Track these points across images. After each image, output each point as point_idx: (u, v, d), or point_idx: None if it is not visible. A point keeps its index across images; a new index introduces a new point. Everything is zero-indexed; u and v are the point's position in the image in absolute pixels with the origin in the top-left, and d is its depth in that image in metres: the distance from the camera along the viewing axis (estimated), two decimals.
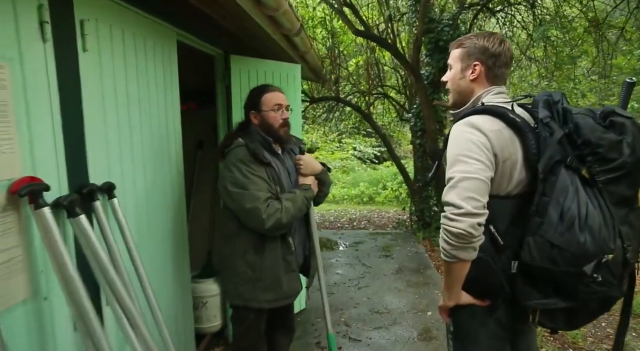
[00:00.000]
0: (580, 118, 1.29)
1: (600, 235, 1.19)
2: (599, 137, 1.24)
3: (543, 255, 1.24)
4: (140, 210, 1.85)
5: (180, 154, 2.27)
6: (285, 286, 1.96)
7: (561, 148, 1.26)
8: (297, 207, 1.87)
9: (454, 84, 1.53)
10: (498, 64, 1.45)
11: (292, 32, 2.85)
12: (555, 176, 1.24)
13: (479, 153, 1.27)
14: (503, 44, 1.45)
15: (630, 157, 1.22)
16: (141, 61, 1.84)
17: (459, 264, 1.30)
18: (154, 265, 1.98)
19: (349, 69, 9.02)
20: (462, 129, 1.33)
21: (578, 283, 1.23)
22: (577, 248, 1.19)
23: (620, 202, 1.25)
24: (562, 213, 1.21)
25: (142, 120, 1.86)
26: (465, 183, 1.24)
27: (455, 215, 1.23)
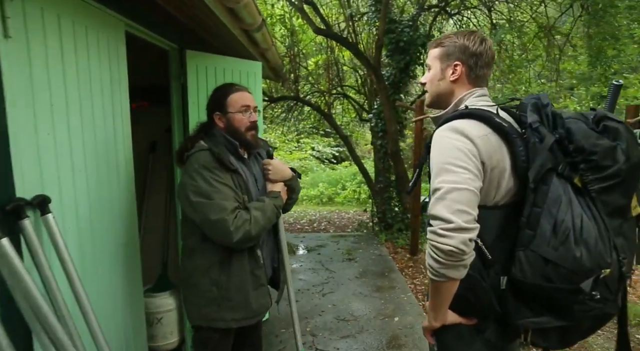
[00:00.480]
0: (573, 123, 1.20)
1: (596, 249, 1.10)
2: (593, 144, 1.15)
3: (536, 271, 1.14)
4: (83, 226, 1.60)
5: (130, 159, 2.02)
6: (254, 304, 1.78)
7: (552, 156, 1.17)
8: (267, 217, 1.70)
9: (433, 85, 1.41)
10: (480, 64, 1.34)
11: (253, 27, 2.67)
12: (547, 185, 1.15)
13: (466, 161, 1.16)
14: (484, 43, 1.34)
15: (625, 164, 1.14)
16: (82, 53, 1.60)
17: (448, 283, 1.17)
18: (101, 285, 1.74)
19: (308, 68, 8.87)
20: (447, 135, 1.21)
21: (573, 300, 1.14)
22: (573, 264, 1.10)
23: (614, 212, 1.17)
24: (556, 225, 1.12)
25: (84, 122, 1.61)
26: (454, 194, 1.13)
27: (445, 231, 1.11)
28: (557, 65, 7.29)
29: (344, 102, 9.89)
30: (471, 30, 1.39)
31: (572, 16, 6.68)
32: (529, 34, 7.35)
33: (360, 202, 11.25)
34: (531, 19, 7.15)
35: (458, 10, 7.28)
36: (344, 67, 9.14)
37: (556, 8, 7.16)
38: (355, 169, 13.30)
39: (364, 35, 7.95)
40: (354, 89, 9.60)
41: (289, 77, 7.60)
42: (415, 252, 5.49)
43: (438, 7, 6.88)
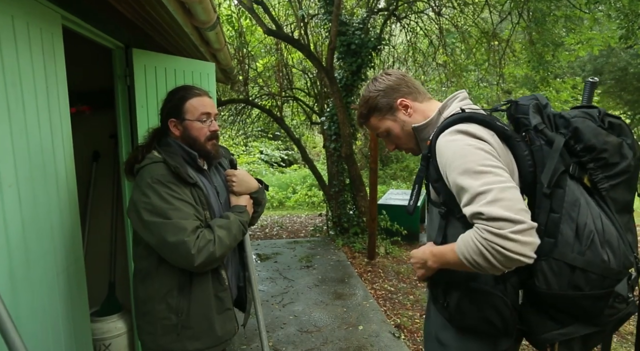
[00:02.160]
0: (580, 122, 1.16)
1: (620, 250, 1.08)
2: (604, 141, 1.12)
3: (562, 281, 1.09)
4: (15, 252, 1.35)
5: (72, 171, 1.78)
6: (219, 330, 1.59)
7: (561, 157, 1.13)
8: (233, 235, 1.52)
9: (405, 137, 1.35)
10: (410, 85, 1.34)
11: (207, 25, 2.48)
12: (562, 189, 1.11)
13: (494, 160, 1.06)
14: (391, 74, 1.36)
15: (633, 159, 1.14)
16: (9, 49, 1.35)
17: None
18: (39, 318, 1.49)
19: (257, 70, 8.66)
20: (457, 138, 1.11)
21: (604, 305, 1.09)
22: (603, 268, 1.06)
23: (623, 209, 1.15)
24: (578, 229, 1.07)
25: (14, 131, 1.36)
26: (508, 193, 0.99)
27: (516, 234, 0.95)
28: (499, 70, 7.60)
29: (293, 105, 9.76)
30: (372, 78, 1.39)
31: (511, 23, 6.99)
32: (473, 38, 7.61)
33: (314, 205, 11.17)
34: (473, 25, 7.41)
35: (406, 14, 7.40)
36: (293, 70, 9.02)
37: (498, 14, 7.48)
38: (306, 172, 13.25)
39: (313, 37, 7.89)
40: (303, 92, 9.50)
41: (237, 79, 7.36)
42: (372, 256, 5.45)
43: (387, 11, 6.94)
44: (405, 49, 8.44)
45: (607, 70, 14.47)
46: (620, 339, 3.39)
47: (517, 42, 7.71)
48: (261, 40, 8.31)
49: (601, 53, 12.01)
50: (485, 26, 7.50)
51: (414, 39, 7.88)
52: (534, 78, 7.19)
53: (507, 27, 7.62)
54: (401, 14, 7.28)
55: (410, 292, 4.39)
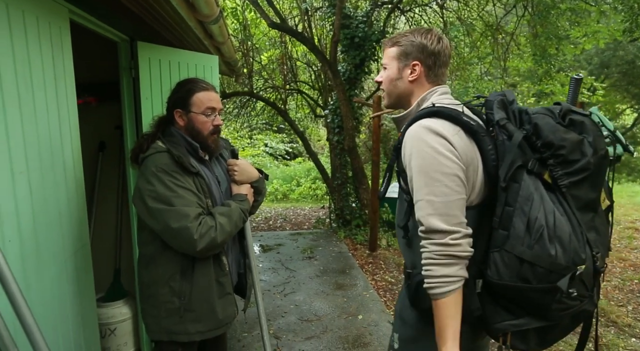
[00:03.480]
0: (540, 118, 1.18)
1: (570, 246, 1.08)
2: (561, 138, 1.14)
3: (512, 272, 1.11)
4: (26, 236, 1.42)
5: (79, 160, 1.84)
6: (220, 314, 1.66)
7: (522, 152, 1.14)
8: (233, 222, 1.58)
9: (390, 85, 1.36)
10: (438, 63, 1.31)
11: (210, 18, 2.52)
12: (517, 183, 1.12)
13: (453, 167, 1.13)
14: (441, 41, 1.31)
15: (593, 157, 1.13)
16: (20, 42, 1.41)
17: (455, 294, 1.12)
18: (48, 301, 1.56)
19: (262, 63, 8.69)
20: (423, 137, 1.16)
21: (551, 300, 1.10)
22: (549, 262, 1.08)
23: (586, 207, 1.16)
24: (529, 224, 1.09)
25: (25, 121, 1.42)
26: (450, 208, 1.12)
27: (455, 240, 1.11)
28: (503, 63, 7.59)
29: (298, 98, 9.80)
30: (428, 28, 1.35)
31: (516, 16, 6.97)
32: (477, 32, 7.60)
33: (317, 198, 11.23)
34: (478, 18, 7.40)
35: (410, 7, 7.39)
36: (297, 63, 9.04)
37: (502, 7, 7.46)
38: (310, 165, 13.30)
39: (317, 30, 7.90)
40: (308, 85, 9.52)
41: (242, 71, 7.40)
42: (374, 248, 5.52)
43: (391, 4, 6.94)
44: None
45: (614, 64, 14.37)
46: (617, 331, 3.44)
47: (521, 35, 7.69)
48: (266, 33, 8.33)
49: (608, 46, 11.93)
50: (490, 19, 7.49)
51: None
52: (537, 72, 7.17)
53: (512, 20, 7.61)
54: (405, 7, 7.27)
55: None
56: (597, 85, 9.03)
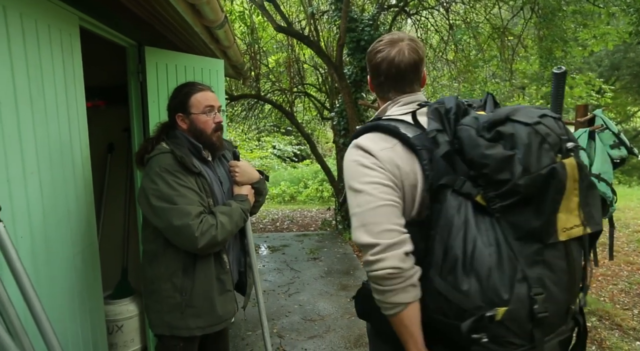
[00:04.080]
0: (463, 130, 1.00)
1: (489, 282, 0.90)
2: (482, 155, 0.95)
3: (434, 304, 0.99)
4: (37, 234, 1.49)
5: (88, 161, 1.91)
6: (220, 310, 1.72)
7: (450, 168, 1.00)
8: (234, 221, 1.64)
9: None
10: (380, 72, 1.23)
11: (215, 24, 2.60)
12: (440, 204, 0.99)
13: (371, 175, 1.06)
14: (383, 51, 1.21)
15: (522, 178, 0.92)
16: (32, 48, 1.48)
17: (406, 311, 1.01)
18: (57, 296, 1.63)
19: (269, 66, 8.78)
20: (350, 153, 1.14)
21: (469, 341, 0.93)
22: (460, 298, 0.92)
23: (527, 237, 0.95)
24: (446, 252, 0.95)
25: (36, 122, 1.50)
26: (370, 216, 1.03)
27: (374, 256, 1.00)
28: (510, 66, 7.60)
29: (305, 101, 9.87)
30: (388, 35, 1.26)
31: (523, 18, 6.98)
32: (483, 34, 7.61)
33: (324, 200, 11.28)
34: (485, 21, 7.41)
35: (417, 10, 7.43)
36: (304, 65, 9.12)
37: (509, 10, 7.47)
38: (317, 167, 13.36)
39: (324, 34, 7.97)
40: (315, 87, 9.59)
41: (249, 74, 7.49)
42: None
43: (397, 7, 6.99)
44: None
45: (625, 66, 14.24)
46: (621, 334, 3.44)
47: (528, 38, 7.69)
48: (273, 36, 8.42)
49: (618, 48, 11.85)
50: (497, 22, 7.50)
51: (424, 35, 7.90)
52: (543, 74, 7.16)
53: (519, 22, 7.61)
54: (411, 10, 7.31)
55: None
56: (605, 88, 8.98)
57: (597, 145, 3.48)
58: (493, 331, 0.92)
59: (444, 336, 1.02)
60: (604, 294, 4.25)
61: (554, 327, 0.99)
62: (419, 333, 1.04)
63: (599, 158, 3.42)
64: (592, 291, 4.22)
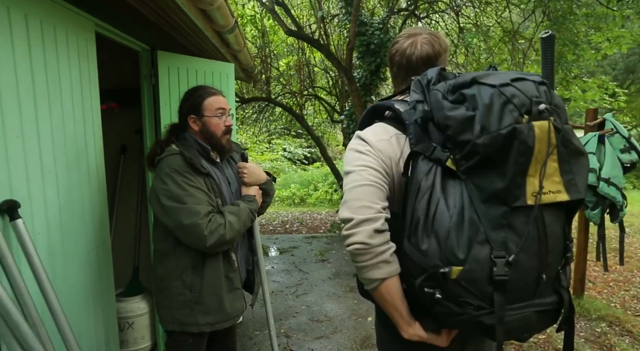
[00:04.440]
0: (432, 95, 1.03)
1: (447, 243, 0.93)
2: (445, 116, 0.97)
3: (404, 266, 1.04)
4: (53, 230, 1.56)
5: (102, 161, 1.98)
6: (228, 307, 1.77)
7: (425, 136, 1.03)
8: (242, 221, 1.69)
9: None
10: (399, 65, 1.28)
11: (225, 29, 2.66)
12: (413, 170, 1.02)
13: (363, 158, 1.11)
14: (397, 44, 1.27)
15: (481, 137, 0.91)
16: (51, 53, 1.56)
17: (382, 287, 1.04)
18: (71, 291, 1.70)
19: (279, 69, 8.86)
20: (351, 142, 1.19)
21: (432, 300, 0.97)
22: (420, 258, 0.96)
23: (492, 199, 0.94)
24: (413, 215, 0.99)
25: (54, 124, 1.57)
26: (353, 193, 1.06)
27: (347, 231, 1.04)
28: (521, 69, 7.56)
29: (315, 104, 9.94)
30: (410, 29, 1.31)
31: (534, 22, 6.95)
32: (494, 38, 7.60)
33: (333, 202, 11.31)
34: (496, 24, 7.40)
35: (427, 14, 7.45)
36: (315, 69, 9.19)
37: (519, 14, 7.45)
38: (327, 170, 13.39)
39: (334, 37, 8.03)
40: (325, 90, 9.65)
41: (260, 77, 7.58)
42: None
43: (407, 11, 7.02)
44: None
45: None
46: (632, 340, 3.40)
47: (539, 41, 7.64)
48: (284, 40, 8.50)
49: (633, 51, 11.69)
50: (507, 25, 7.48)
51: None
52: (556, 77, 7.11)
53: (531, 25, 7.58)
54: (421, 14, 7.34)
55: None
56: (619, 91, 8.87)
57: (606, 149, 3.47)
58: (449, 290, 0.94)
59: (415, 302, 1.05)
60: (615, 300, 4.21)
61: (523, 295, 0.97)
62: (402, 305, 1.06)
63: (609, 162, 3.42)
64: (602, 297, 4.19)
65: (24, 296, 1.19)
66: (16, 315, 1.06)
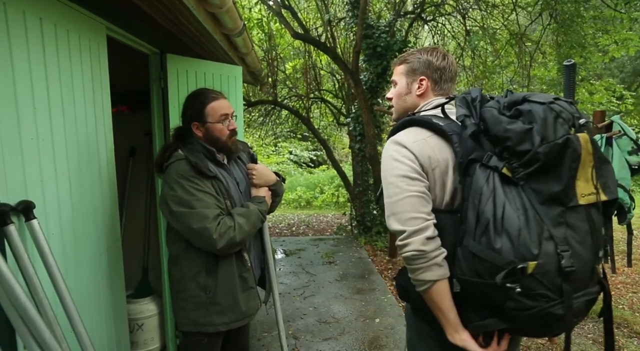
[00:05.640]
0: (486, 111, 1.17)
1: (520, 240, 1.04)
2: (504, 129, 1.10)
3: (469, 267, 1.12)
4: (66, 231, 1.58)
5: (112, 163, 2.01)
6: (243, 306, 1.79)
7: (477, 146, 1.16)
8: (252, 223, 1.71)
9: (400, 100, 1.47)
10: (444, 78, 1.41)
11: (234, 32, 2.68)
12: (470, 177, 1.14)
13: (403, 169, 1.23)
14: (446, 58, 1.41)
15: (541, 146, 1.06)
16: (64, 57, 1.58)
17: (434, 288, 1.17)
18: (84, 291, 1.72)
19: (286, 72, 8.89)
20: (387, 148, 1.30)
21: (504, 297, 1.07)
22: (493, 256, 1.06)
23: (550, 200, 1.08)
24: (478, 217, 1.09)
25: (67, 126, 1.59)
26: (398, 206, 1.20)
27: (401, 241, 1.19)
28: (528, 71, 7.54)
29: (322, 106, 9.95)
30: (433, 46, 1.44)
31: (541, 24, 6.93)
32: (501, 40, 7.58)
33: (339, 205, 11.31)
34: (503, 27, 7.38)
35: (433, 16, 7.45)
36: (321, 72, 9.20)
37: (526, 16, 7.42)
38: (333, 173, 13.39)
39: (341, 40, 8.04)
40: (331, 93, 9.67)
41: (267, 81, 7.61)
42: (394, 254, 5.56)
43: (414, 14, 7.02)
44: None
45: None
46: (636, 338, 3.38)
47: (546, 44, 7.62)
48: (290, 43, 8.53)
49: None
50: (514, 28, 7.46)
51: (441, 41, 7.90)
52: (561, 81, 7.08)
53: (538, 28, 7.56)
54: (428, 17, 7.34)
55: None
56: (626, 94, 8.81)
57: (614, 151, 3.45)
58: (525, 284, 1.04)
59: (478, 305, 1.16)
60: (623, 302, 4.18)
61: (582, 285, 1.10)
62: (451, 308, 1.19)
63: (616, 164, 3.40)
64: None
65: (39, 295, 1.21)
66: (33, 313, 1.08)
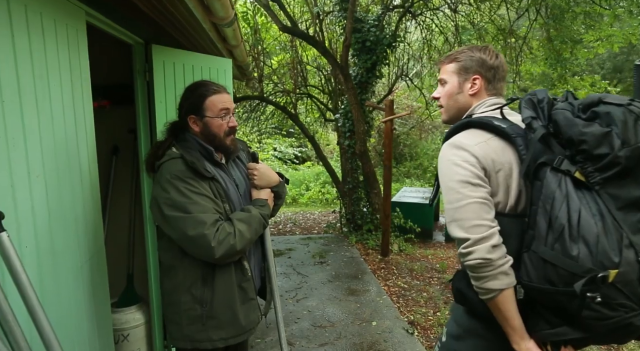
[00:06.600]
0: (559, 113, 1.12)
1: (598, 247, 0.99)
2: (580, 132, 1.06)
3: (539, 274, 1.07)
4: (42, 242, 1.39)
5: (95, 163, 1.82)
6: (243, 320, 1.61)
7: (547, 149, 1.11)
8: (253, 229, 1.54)
9: (450, 100, 1.41)
10: (497, 77, 1.36)
11: (225, 21, 2.51)
12: (540, 181, 1.09)
13: (464, 174, 1.18)
14: (499, 57, 1.37)
15: (622, 150, 1.01)
16: (38, 44, 1.39)
17: (499, 297, 1.13)
18: (64, 307, 1.53)
19: (272, 67, 8.69)
20: (447, 151, 1.25)
21: (581, 306, 1.01)
22: (570, 263, 1.01)
23: (629, 206, 1.03)
24: (551, 222, 1.05)
25: (42, 123, 1.40)
26: (461, 213, 1.16)
27: (465, 249, 1.14)
28: (516, 67, 7.51)
29: (307, 102, 9.78)
30: (484, 45, 1.40)
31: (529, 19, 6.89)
32: (489, 35, 7.53)
33: (327, 202, 11.19)
34: (490, 22, 7.33)
35: (421, 11, 7.34)
36: (307, 67, 9.03)
37: (514, 10, 7.38)
38: (319, 169, 13.26)
39: (328, 35, 7.88)
40: (317, 89, 9.50)
41: (253, 75, 7.40)
42: (386, 253, 5.45)
43: (403, 8, 6.90)
44: (421, 46, 8.38)
45: (627, 68, 14.20)
46: None
47: (534, 39, 7.60)
48: (276, 38, 8.34)
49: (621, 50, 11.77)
50: (502, 23, 7.42)
51: (430, 36, 7.82)
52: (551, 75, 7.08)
53: (524, 24, 7.52)
54: (416, 11, 7.23)
55: (424, 289, 4.38)
56: (611, 90, 8.89)
57: None
58: (605, 293, 1.00)
59: (549, 313, 1.12)
60: None
61: None
62: (516, 316, 1.15)
63: None
64: None
65: (11, 324, 1.03)
66: (1, 346, 0.90)
